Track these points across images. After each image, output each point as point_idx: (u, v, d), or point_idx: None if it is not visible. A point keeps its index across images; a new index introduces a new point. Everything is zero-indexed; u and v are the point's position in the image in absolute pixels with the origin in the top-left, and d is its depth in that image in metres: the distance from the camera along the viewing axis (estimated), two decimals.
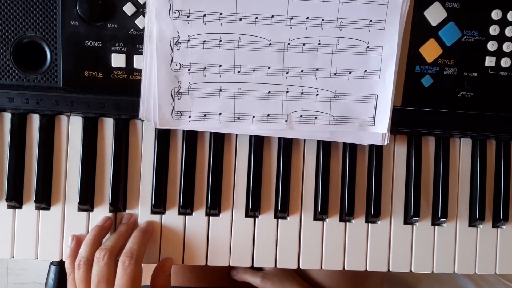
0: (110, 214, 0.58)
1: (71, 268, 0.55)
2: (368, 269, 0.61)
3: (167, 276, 0.57)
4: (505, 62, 0.57)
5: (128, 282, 0.52)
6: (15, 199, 0.56)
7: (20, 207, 0.57)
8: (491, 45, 0.57)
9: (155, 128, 0.57)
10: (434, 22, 0.56)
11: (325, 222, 0.60)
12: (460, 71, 0.57)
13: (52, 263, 0.62)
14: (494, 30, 0.56)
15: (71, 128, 0.58)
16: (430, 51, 0.56)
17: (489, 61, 0.57)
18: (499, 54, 0.57)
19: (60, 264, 0.61)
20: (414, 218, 0.60)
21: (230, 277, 0.78)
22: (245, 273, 0.76)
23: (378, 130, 0.57)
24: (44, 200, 0.57)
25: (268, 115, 0.56)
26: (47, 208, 0.58)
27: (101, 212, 0.58)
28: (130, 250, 0.54)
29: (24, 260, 1.19)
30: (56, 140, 0.58)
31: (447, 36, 0.56)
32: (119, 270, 0.53)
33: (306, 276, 0.77)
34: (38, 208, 0.57)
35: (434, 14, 0.56)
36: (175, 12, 0.52)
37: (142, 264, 0.55)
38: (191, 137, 0.58)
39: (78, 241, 0.56)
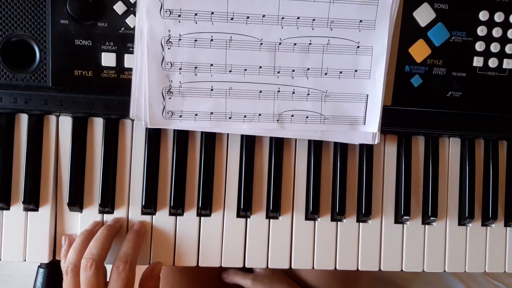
0: (99, 216, 0.57)
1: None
2: (359, 269, 0.61)
3: (156, 280, 0.57)
4: (492, 62, 0.58)
5: (122, 287, 0.51)
6: (3, 200, 0.56)
7: (8, 209, 0.56)
8: (479, 46, 0.58)
9: (146, 128, 0.57)
10: (423, 23, 0.57)
11: (316, 221, 0.60)
12: (449, 71, 0.58)
13: (40, 266, 0.61)
14: (481, 30, 0.57)
15: (60, 128, 0.57)
16: (419, 51, 0.57)
17: (477, 61, 0.58)
18: (487, 54, 0.58)
19: (49, 267, 0.60)
20: (404, 217, 0.61)
21: (221, 279, 0.78)
22: (236, 275, 0.76)
23: (369, 129, 0.57)
24: (33, 201, 0.56)
25: (260, 114, 0.56)
26: (36, 209, 0.57)
27: (90, 213, 0.57)
28: (125, 255, 0.53)
29: (10, 266, 1.17)
30: (45, 140, 0.57)
31: (435, 36, 0.57)
32: (112, 274, 0.52)
33: (297, 278, 0.77)
34: (26, 209, 0.57)
35: (423, 15, 0.56)
36: (166, 11, 0.52)
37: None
38: (182, 137, 0.58)
39: (70, 241, 0.55)
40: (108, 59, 0.54)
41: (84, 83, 0.54)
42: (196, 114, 0.55)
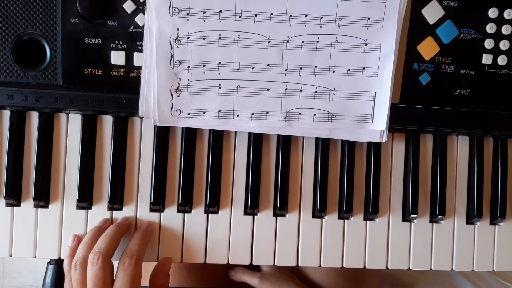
0: (108, 212, 0.58)
1: (69, 268, 0.55)
2: (366, 267, 0.61)
3: (166, 276, 0.57)
4: (502, 60, 0.58)
5: (128, 283, 0.52)
6: (14, 197, 0.56)
7: (19, 205, 0.57)
8: (488, 43, 0.57)
9: (154, 126, 0.57)
10: (431, 20, 0.56)
11: (323, 219, 0.60)
12: (458, 68, 0.58)
13: (50, 262, 0.61)
14: (491, 28, 0.57)
15: (70, 126, 0.58)
16: (427, 49, 0.57)
17: (486, 59, 0.58)
18: (496, 52, 0.58)
19: (58, 264, 0.61)
20: (412, 215, 0.60)
21: (228, 277, 0.78)
22: (243, 273, 0.76)
23: (376, 127, 0.57)
24: (43, 198, 0.57)
25: (267, 112, 0.56)
26: (46, 206, 0.57)
27: (100, 210, 0.58)
28: (131, 251, 0.54)
29: (19, 263, 1.18)
30: (55, 138, 0.57)
31: (444, 34, 0.57)
32: (119, 270, 0.53)
33: (304, 277, 0.77)
34: (36, 206, 0.57)
35: (432, 12, 0.56)
36: (174, 10, 0.52)
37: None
38: (190, 134, 0.58)
39: (79, 241, 0.56)
40: (117, 57, 0.54)
41: (94, 81, 0.55)
42: (204, 112, 0.55)
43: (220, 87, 0.55)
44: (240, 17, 0.53)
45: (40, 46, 0.54)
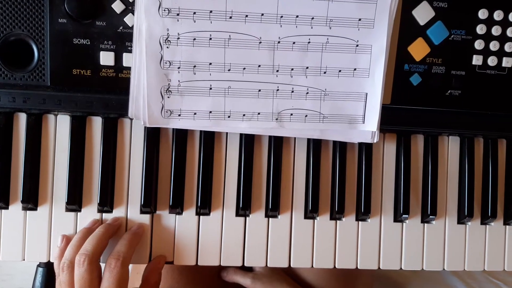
0: (98, 215, 0.57)
1: (59, 269, 0.54)
2: (358, 267, 0.61)
3: (159, 274, 0.57)
4: (492, 61, 0.58)
5: (114, 285, 0.51)
6: (2, 200, 0.56)
7: (7, 208, 0.56)
8: (478, 44, 0.58)
9: (144, 127, 0.57)
10: (422, 21, 0.57)
11: (315, 220, 0.60)
12: (448, 69, 0.58)
13: (39, 265, 0.61)
14: (481, 29, 0.57)
15: (59, 127, 0.57)
16: (418, 50, 0.57)
17: (477, 60, 0.58)
18: (486, 52, 0.58)
19: (48, 266, 0.60)
20: (403, 215, 0.61)
21: (221, 278, 0.78)
22: (235, 274, 0.76)
23: (368, 128, 0.57)
24: (31, 200, 0.56)
25: (259, 113, 0.56)
26: (34, 208, 0.57)
27: (89, 212, 0.57)
28: (118, 252, 0.53)
29: (10, 265, 1.17)
30: (43, 140, 0.57)
31: (435, 35, 0.57)
32: (105, 271, 0.52)
33: (297, 277, 0.77)
34: (25, 209, 0.57)
35: (422, 13, 0.56)
36: (164, 10, 0.52)
37: (130, 267, 0.55)
38: (181, 135, 0.58)
39: (67, 241, 0.55)
40: (106, 58, 0.54)
41: (83, 82, 0.54)
42: (195, 113, 0.55)
43: (211, 88, 0.55)
44: (230, 17, 0.52)
45: (27, 46, 0.53)
